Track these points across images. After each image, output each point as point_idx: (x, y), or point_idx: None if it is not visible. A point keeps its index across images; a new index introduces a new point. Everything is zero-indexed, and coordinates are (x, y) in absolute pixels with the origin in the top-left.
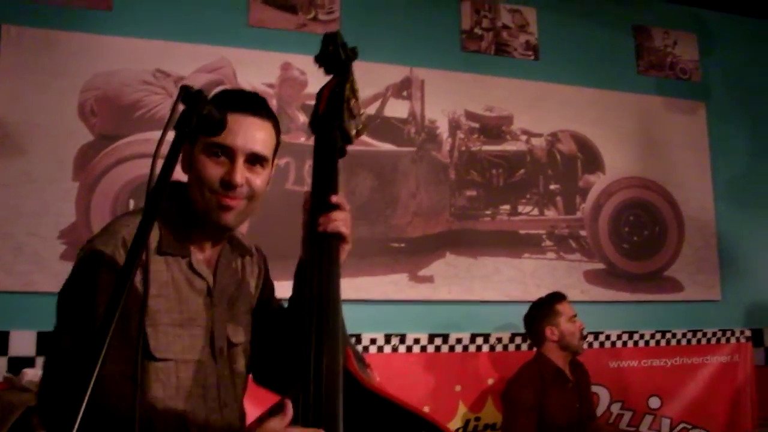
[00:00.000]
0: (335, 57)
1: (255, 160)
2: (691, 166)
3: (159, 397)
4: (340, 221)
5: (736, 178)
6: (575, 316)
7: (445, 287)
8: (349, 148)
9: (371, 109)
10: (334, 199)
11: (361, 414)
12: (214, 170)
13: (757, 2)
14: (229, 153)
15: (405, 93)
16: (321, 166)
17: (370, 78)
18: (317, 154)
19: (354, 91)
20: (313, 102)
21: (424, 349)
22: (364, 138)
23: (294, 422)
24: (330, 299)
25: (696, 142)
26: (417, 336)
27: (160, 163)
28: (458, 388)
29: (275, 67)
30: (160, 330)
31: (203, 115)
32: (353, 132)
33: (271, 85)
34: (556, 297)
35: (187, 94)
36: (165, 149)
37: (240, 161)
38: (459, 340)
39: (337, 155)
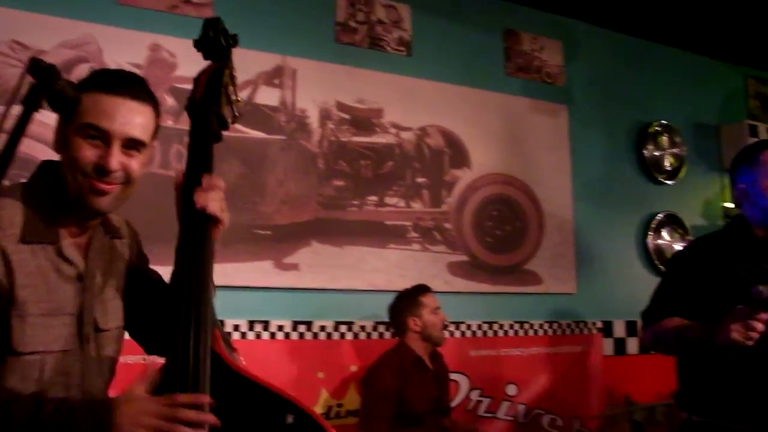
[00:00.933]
0: (216, 43)
1: (132, 144)
2: (553, 165)
3: (16, 388)
4: (214, 201)
5: (594, 179)
6: (438, 308)
7: (311, 275)
8: None
9: (241, 96)
10: (208, 179)
11: (227, 395)
12: (88, 153)
13: (617, 16)
14: (105, 136)
15: (276, 81)
16: (196, 149)
17: (242, 64)
18: (193, 138)
19: (232, 78)
20: (182, 85)
21: (287, 336)
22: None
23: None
24: (201, 281)
25: (558, 143)
26: (281, 323)
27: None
28: (321, 375)
29: (143, 48)
30: (28, 321)
31: (55, 90)
32: (230, 118)
33: (138, 66)
34: (421, 289)
35: (36, 67)
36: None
37: (116, 146)
38: (323, 328)
39: (212, 140)
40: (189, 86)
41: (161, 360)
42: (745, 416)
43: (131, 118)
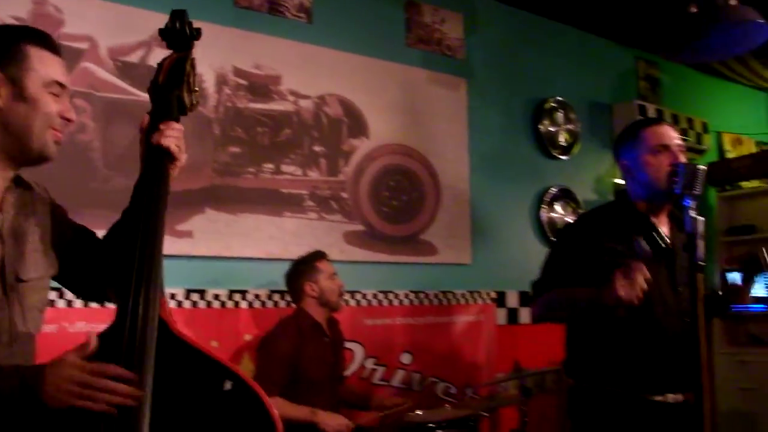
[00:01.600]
0: (181, 34)
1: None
2: (451, 138)
3: None
4: (173, 138)
5: (490, 152)
6: (335, 274)
7: (204, 243)
8: (109, 94)
9: (134, 58)
10: (167, 123)
11: (170, 361)
12: (55, 107)
13: None
14: (63, 90)
15: None
16: (158, 104)
17: (135, 25)
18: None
19: (193, 68)
20: (69, 43)
21: (180, 305)
22: (125, 86)
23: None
24: (156, 216)
25: (456, 116)
26: (173, 291)
27: None
28: (215, 344)
29: (27, 0)
30: None
31: None
32: (188, 105)
33: (20, 20)
34: (317, 255)
35: None
36: None
37: (68, 97)
38: (216, 297)
39: (173, 115)
40: (78, 44)
41: (101, 327)
42: (627, 381)
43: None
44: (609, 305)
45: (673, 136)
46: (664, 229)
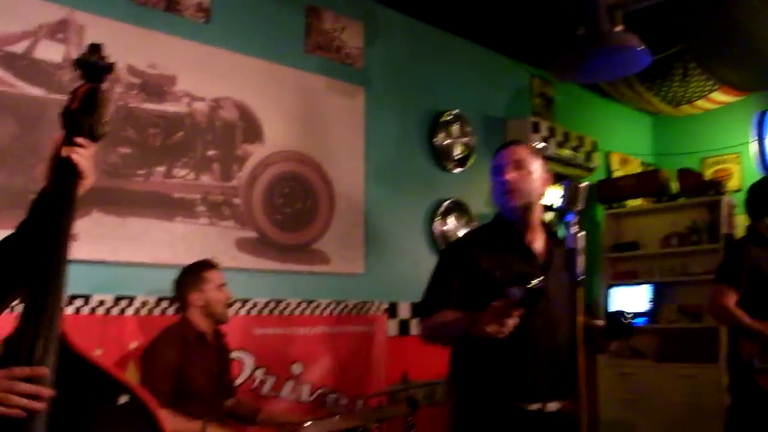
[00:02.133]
0: (96, 66)
1: None
2: (347, 147)
3: None
4: (83, 155)
5: (386, 162)
6: (224, 285)
7: (90, 246)
8: None
9: (18, 48)
10: (79, 139)
11: (65, 374)
12: None
13: (419, 4)
14: None
15: (61, 36)
16: (70, 127)
17: (19, 12)
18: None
19: (105, 99)
20: None
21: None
22: (8, 78)
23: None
24: (61, 230)
25: (353, 125)
26: None
27: None
28: (99, 351)
29: None
30: None
31: None
32: (98, 135)
33: None
34: (206, 264)
35: None
36: None
37: None
38: (101, 303)
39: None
40: None
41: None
42: (505, 392)
43: None
44: (477, 336)
45: (510, 155)
46: (538, 244)
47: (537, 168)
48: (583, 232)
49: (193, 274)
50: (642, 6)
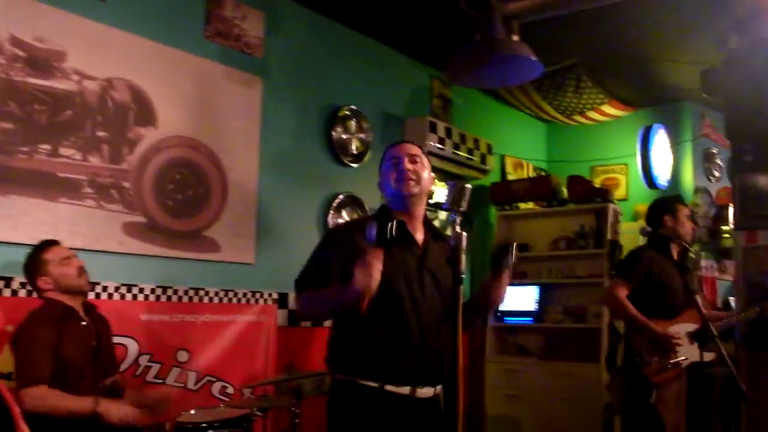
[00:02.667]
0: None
1: None
2: (242, 136)
3: None
4: None
5: (282, 154)
6: (68, 257)
7: None
8: None
9: None
10: None
11: None
12: None
13: None
14: None
15: None
16: None
17: None
18: None
19: None
20: None
21: None
22: None
23: None
24: None
25: (249, 114)
26: None
27: None
28: None
29: None
30: None
31: None
32: None
33: None
34: (42, 246)
35: None
36: None
37: None
38: None
39: None
40: None
41: None
42: (378, 375)
43: None
44: (350, 299)
45: (407, 149)
46: (418, 236)
47: (427, 165)
48: (465, 233)
49: (32, 261)
50: (538, 18)
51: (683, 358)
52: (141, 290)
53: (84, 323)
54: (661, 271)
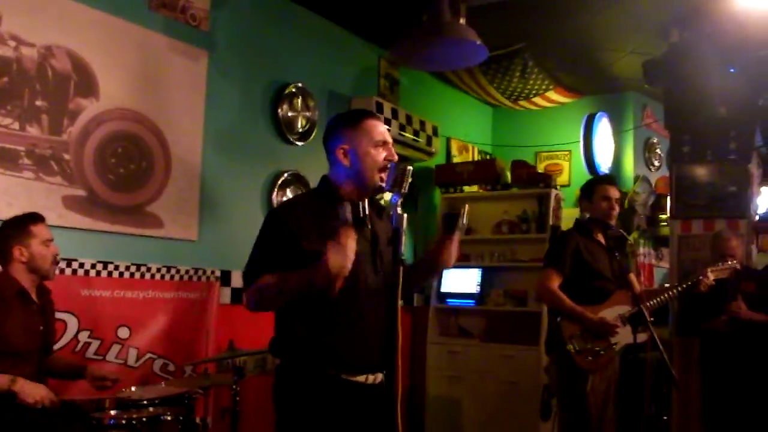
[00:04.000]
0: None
1: None
2: (187, 109)
3: None
4: None
5: (227, 130)
6: (51, 240)
7: None
8: None
9: None
10: None
11: None
12: None
13: None
14: None
15: None
16: None
17: None
18: None
19: None
20: None
21: None
22: None
23: None
24: None
25: (194, 88)
26: None
27: None
28: None
29: None
30: None
31: None
32: None
33: None
34: (32, 217)
35: None
36: None
37: None
38: None
39: None
40: None
41: None
42: (327, 361)
43: None
44: (320, 283)
45: (389, 134)
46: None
47: None
48: (406, 215)
49: (17, 227)
50: (486, 2)
51: (614, 342)
52: (81, 265)
53: (35, 307)
54: (588, 254)
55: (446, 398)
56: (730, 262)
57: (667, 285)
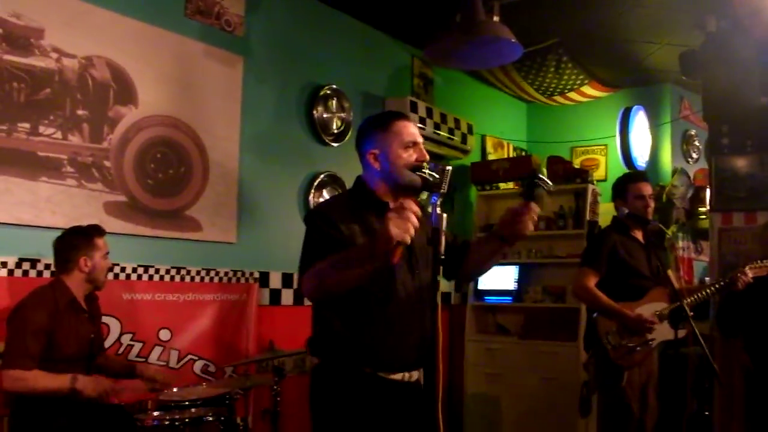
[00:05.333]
0: None
1: None
2: (223, 115)
3: None
4: None
5: (262, 133)
6: (108, 253)
7: None
8: None
9: None
10: None
11: None
12: None
13: None
14: None
15: None
16: None
17: None
18: None
19: None
20: None
21: None
22: None
23: None
24: None
25: (230, 93)
26: None
27: None
28: None
29: None
30: None
31: None
32: None
33: None
34: (97, 230)
35: None
36: None
37: None
38: None
39: None
40: None
41: None
42: (365, 360)
43: None
44: (382, 250)
45: (419, 134)
46: None
47: None
48: (445, 214)
49: (84, 238)
50: None
51: (651, 339)
52: (123, 269)
53: (84, 315)
54: (625, 252)
55: (485, 395)
56: None
57: (707, 279)
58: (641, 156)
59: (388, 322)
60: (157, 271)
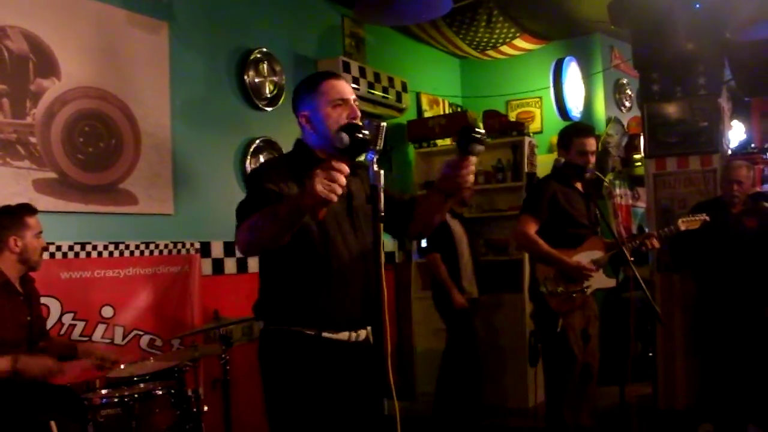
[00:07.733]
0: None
1: None
2: (151, 83)
3: None
4: None
5: (194, 100)
6: (41, 232)
7: None
8: None
9: None
10: None
11: None
12: None
13: None
14: None
15: None
16: None
17: None
18: None
19: None
20: None
21: None
22: None
23: None
24: None
25: (157, 60)
26: None
27: None
28: None
29: None
30: None
31: None
32: None
33: None
34: (28, 209)
35: None
36: None
37: None
38: None
39: None
40: None
41: None
42: (311, 321)
43: None
44: (308, 205)
45: (350, 91)
46: None
47: None
48: (382, 171)
49: (12, 217)
50: None
51: (587, 286)
52: (59, 248)
53: (20, 297)
54: (565, 201)
55: (435, 351)
56: (702, 216)
57: (645, 228)
58: (575, 107)
59: (331, 280)
60: (94, 247)
